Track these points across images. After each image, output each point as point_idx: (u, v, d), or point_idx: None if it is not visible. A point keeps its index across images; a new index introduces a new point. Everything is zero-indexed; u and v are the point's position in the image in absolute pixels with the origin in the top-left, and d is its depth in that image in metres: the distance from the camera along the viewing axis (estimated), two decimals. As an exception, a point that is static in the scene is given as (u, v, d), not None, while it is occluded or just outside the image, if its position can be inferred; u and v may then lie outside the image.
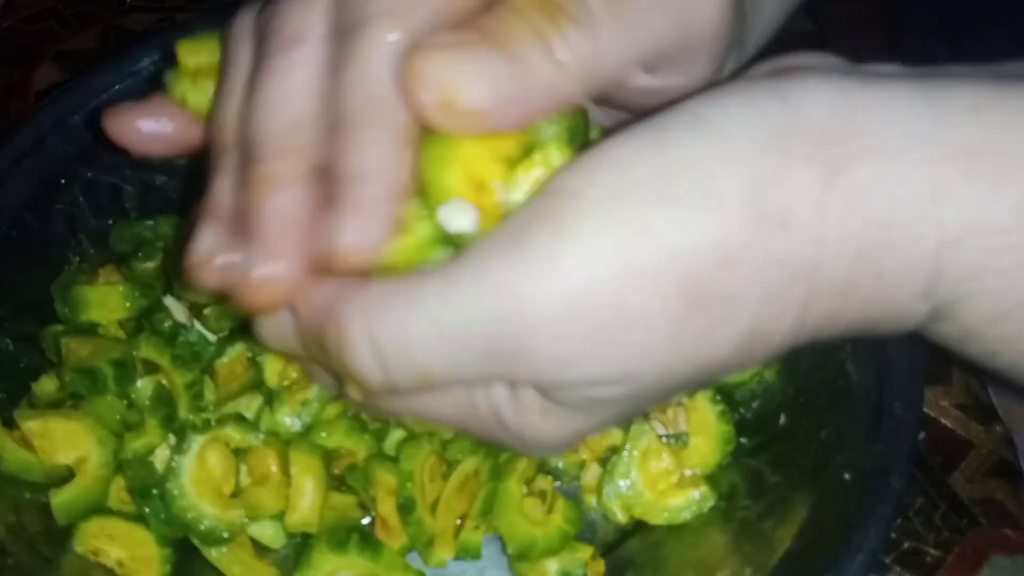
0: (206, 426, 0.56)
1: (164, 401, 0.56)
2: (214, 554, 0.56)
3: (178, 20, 0.93)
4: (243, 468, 0.56)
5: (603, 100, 0.39)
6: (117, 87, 0.70)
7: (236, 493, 0.57)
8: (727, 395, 0.62)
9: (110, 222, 0.70)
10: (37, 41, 0.92)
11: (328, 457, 0.58)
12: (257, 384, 0.59)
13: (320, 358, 0.36)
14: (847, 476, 0.52)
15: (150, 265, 0.64)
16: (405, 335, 0.33)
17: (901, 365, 0.55)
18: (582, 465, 0.61)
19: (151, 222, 0.67)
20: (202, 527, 0.55)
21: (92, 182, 0.69)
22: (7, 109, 0.86)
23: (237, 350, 0.59)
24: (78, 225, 0.68)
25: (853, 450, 0.53)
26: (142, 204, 0.72)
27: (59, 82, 0.88)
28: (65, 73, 0.89)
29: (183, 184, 0.74)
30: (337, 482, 0.59)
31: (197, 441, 0.55)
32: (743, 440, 0.61)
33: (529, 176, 0.34)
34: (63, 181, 0.67)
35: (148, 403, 0.56)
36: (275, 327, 0.38)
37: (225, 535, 0.55)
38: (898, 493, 0.51)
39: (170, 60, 0.71)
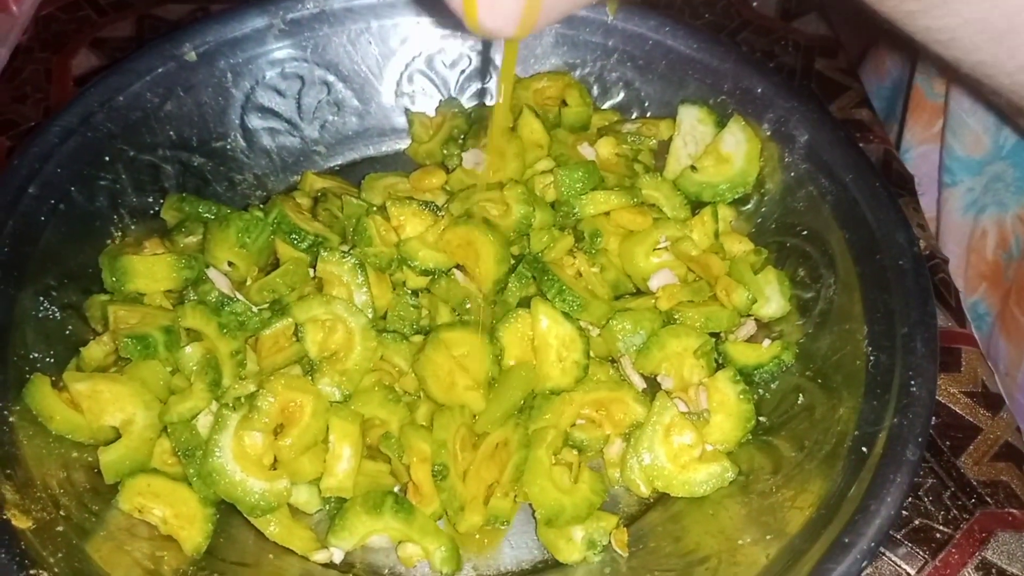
0: (239, 405, 0.58)
1: (211, 367, 0.58)
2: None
3: (212, 10, 0.96)
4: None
5: None
6: (160, 70, 0.73)
7: (274, 465, 0.59)
8: (747, 376, 0.64)
9: (149, 199, 0.72)
10: (74, 28, 0.94)
11: (363, 426, 0.60)
12: (299, 357, 0.61)
13: None
14: (864, 450, 0.55)
15: (193, 239, 0.66)
16: None
17: (916, 346, 0.58)
18: (606, 440, 0.63)
19: (199, 200, 0.69)
20: (250, 500, 0.57)
21: (134, 160, 0.71)
22: (46, 93, 0.89)
23: (283, 323, 0.61)
24: (121, 201, 0.70)
25: (870, 426, 0.56)
26: (180, 183, 0.74)
27: (96, 68, 0.91)
28: (102, 60, 0.91)
29: (219, 166, 0.77)
30: (370, 451, 0.62)
31: (234, 419, 0.58)
32: (762, 419, 0.63)
33: None
34: (107, 158, 0.70)
35: (195, 368, 0.58)
36: None
37: (272, 505, 0.57)
38: (914, 465, 0.53)
39: (209, 47, 0.74)
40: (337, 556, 0.59)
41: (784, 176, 0.70)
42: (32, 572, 0.49)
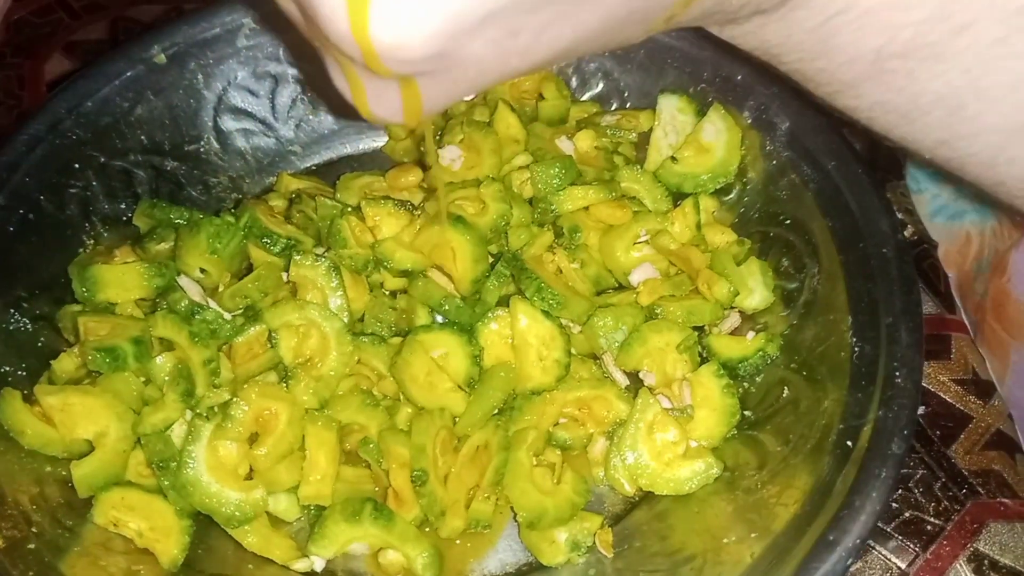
0: (212, 414, 0.57)
1: (183, 376, 0.57)
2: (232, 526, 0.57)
3: (185, 10, 0.94)
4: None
5: None
6: (129, 73, 0.72)
7: (250, 475, 0.58)
8: (731, 370, 0.63)
9: (122, 206, 0.71)
10: (47, 33, 0.93)
11: (341, 432, 0.59)
12: (274, 363, 0.60)
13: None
14: (849, 444, 0.54)
15: (164, 247, 0.65)
16: None
17: (901, 336, 0.56)
18: (589, 439, 0.62)
19: (170, 206, 0.68)
20: (225, 511, 0.56)
21: (105, 167, 0.70)
22: (19, 98, 0.87)
23: (256, 329, 0.60)
24: (92, 208, 0.69)
25: (855, 419, 0.55)
26: (153, 189, 0.73)
27: (69, 72, 0.90)
28: (75, 64, 0.90)
29: (192, 169, 0.75)
30: (348, 456, 0.61)
31: (207, 429, 0.57)
32: (747, 413, 0.62)
33: None
34: (77, 166, 0.68)
35: (167, 378, 0.57)
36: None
37: (249, 516, 0.56)
38: (899, 458, 0.52)
39: (179, 49, 0.73)
40: (318, 565, 0.58)
41: (766, 164, 0.69)
42: (3, 592, 0.49)
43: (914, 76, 0.43)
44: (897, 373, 0.55)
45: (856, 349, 0.58)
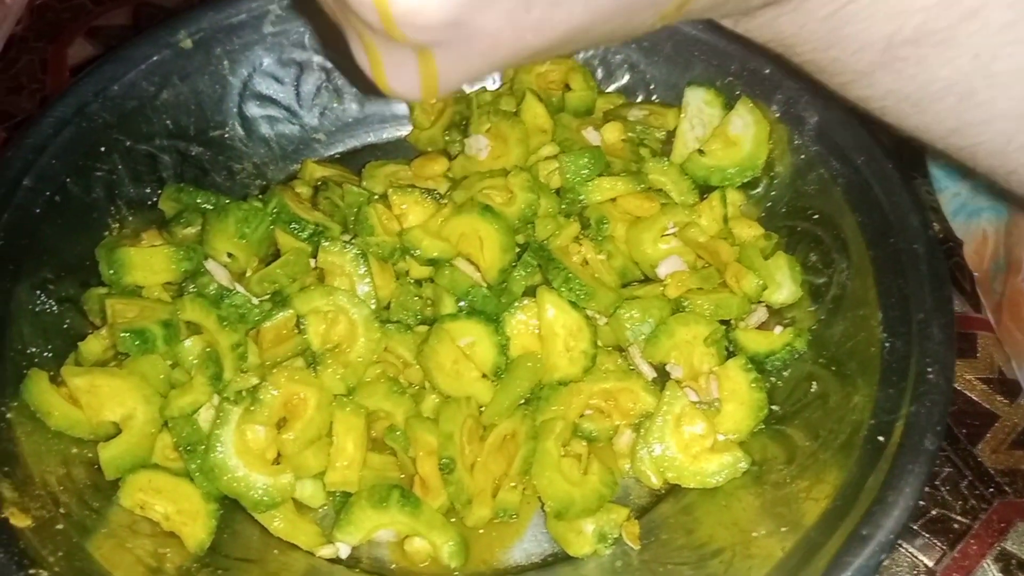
0: (240, 399, 0.57)
1: (212, 360, 0.57)
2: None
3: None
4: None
5: None
6: (155, 58, 0.71)
7: (277, 460, 0.58)
8: (758, 364, 0.62)
9: (147, 190, 0.71)
10: (70, 17, 0.93)
11: (367, 419, 0.59)
12: (301, 349, 0.60)
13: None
14: (881, 439, 0.53)
15: (191, 231, 0.65)
16: None
17: (933, 332, 0.56)
18: (615, 431, 0.62)
19: (197, 190, 0.68)
20: (253, 496, 0.56)
21: (131, 150, 0.70)
22: (42, 83, 0.87)
23: (284, 315, 0.60)
24: (118, 192, 0.69)
25: (887, 415, 0.54)
26: (178, 174, 0.73)
27: (92, 57, 0.89)
28: (98, 49, 0.90)
29: (217, 155, 0.75)
30: (374, 444, 0.61)
31: (235, 413, 0.57)
32: (775, 407, 0.62)
33: None
34: (103, 149, 0.68)
35: (196, 362, 0.57)
36: None
37: (276, 500, 0.56)
38: (932, 455, 0.52)
39: (205, 34, 0.73)
40: (343, 551, 0.58)
41: (794, 159, 0.69)
42: (31, 572, 0.48)
43: (925, 63, 0.43)
44: (929, 369, 0.55)
45: (887, 345, 0.57)
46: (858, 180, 0.64)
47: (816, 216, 0.67)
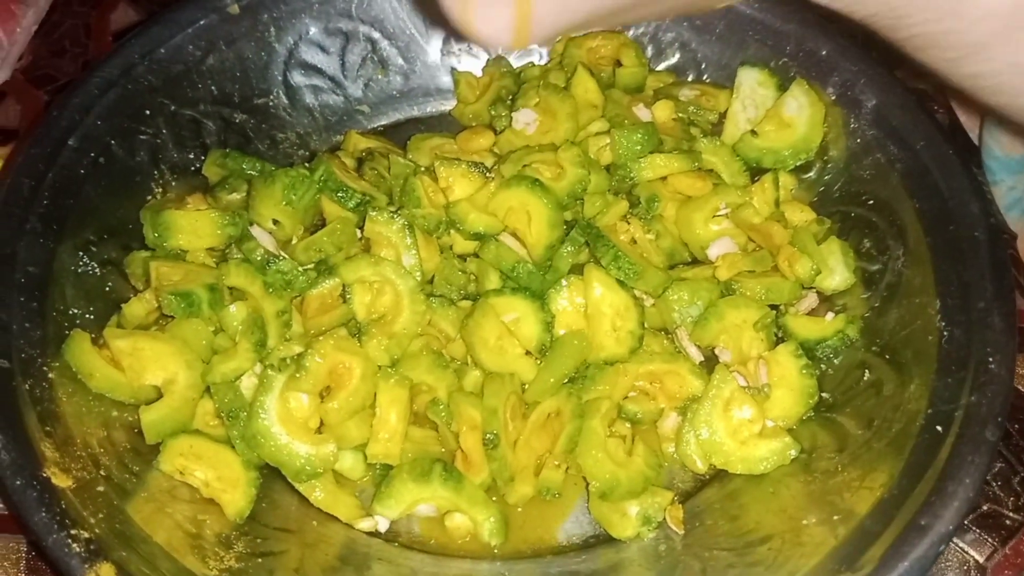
0: (284, 366, 0.56)
1: (257, 326, 0.56)
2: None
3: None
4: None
5: None
6: (202, 22, 0.71)
7: (319, 430, 0.57)
8: (808, 351, 0.61)
9: (190, 155, 0.70)
10: (113, -18, 0.92)
11: (411, 391, 0.58)
12: (346, 319, 0.59)
13: None
14: (939, 429, 0.52)
15: (236, 197, 0.64)
16: None
17: (994, 321, 0.55)
18: (660, 413, 0.61)
19: (243, 156, 0.67)
20: (295, 464, 0.55)
21: (175, 115, 0.69)
22: (85, 48, 0.87)
23: (330, 283, 0.59)
24: (161, 156, 0.68)
25: (945, 404, 0.53)
26: (222, 140, 0.72)
27: (135, 23, 0.89)
28: (141, 14, 0.89)
29: (261, 123, 0.74)
30: (416, 418, 0.60)
31: (279, 380, 0.56)
32: (825, 395, 0.60)
33: None
34: (148, 112, 0.67)
35: (240, 327, 0.56)
36: None
37: (318, 469, 0.55)
38: (992, 445, 0.50)
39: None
40: (382, 525, 0.57)
41: (849, 142, 0.67)
42: (73, 532, 0.48)
43: None
44: (990, 359, 0.53)
45: (945, 334, 0.56)
46: (917, 165, 0.62)
47: (871, 202, 0.65)
